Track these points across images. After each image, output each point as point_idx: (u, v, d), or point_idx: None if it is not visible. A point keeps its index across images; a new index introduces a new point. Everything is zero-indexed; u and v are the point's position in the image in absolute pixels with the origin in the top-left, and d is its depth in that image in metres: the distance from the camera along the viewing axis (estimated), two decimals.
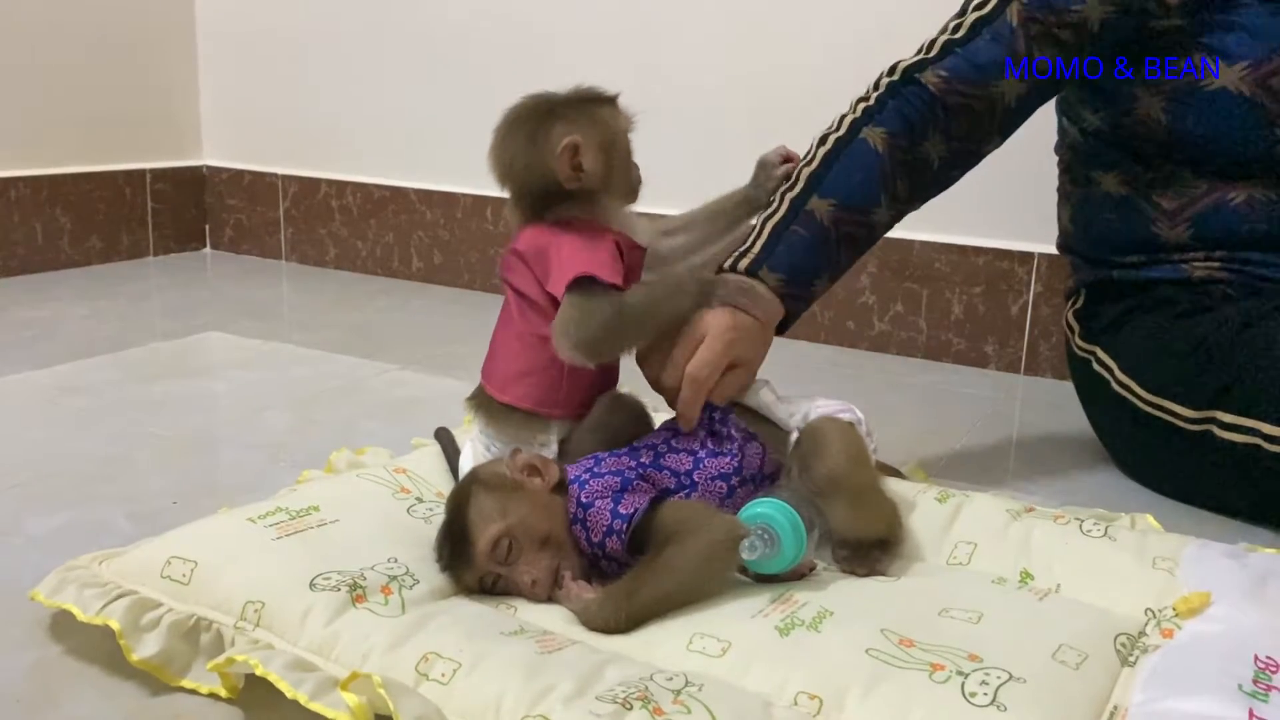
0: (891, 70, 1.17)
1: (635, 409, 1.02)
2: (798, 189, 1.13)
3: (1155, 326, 1.24)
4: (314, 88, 2.42)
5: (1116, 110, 1.24)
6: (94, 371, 1.60)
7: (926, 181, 1.18)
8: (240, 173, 2.55)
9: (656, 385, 1.02)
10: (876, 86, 1.17)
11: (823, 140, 1.16)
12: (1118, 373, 1.26)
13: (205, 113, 2.59)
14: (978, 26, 1.15)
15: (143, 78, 2.47)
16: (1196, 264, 1.24)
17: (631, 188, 1.03)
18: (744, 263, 1.08)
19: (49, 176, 2.30)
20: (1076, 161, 1.33)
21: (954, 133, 1.15)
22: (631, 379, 1.05)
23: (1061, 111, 1.35)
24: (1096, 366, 1.30)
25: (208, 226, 2.62)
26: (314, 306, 2.12)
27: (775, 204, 1.12)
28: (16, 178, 2.24)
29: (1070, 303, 1.39)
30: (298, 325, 1.96)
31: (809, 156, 1.15)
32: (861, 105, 1.16)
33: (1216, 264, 1.23)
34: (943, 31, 1.17)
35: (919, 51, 1.17)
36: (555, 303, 0.96)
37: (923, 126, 1.14)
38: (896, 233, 1.82)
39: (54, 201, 2.31)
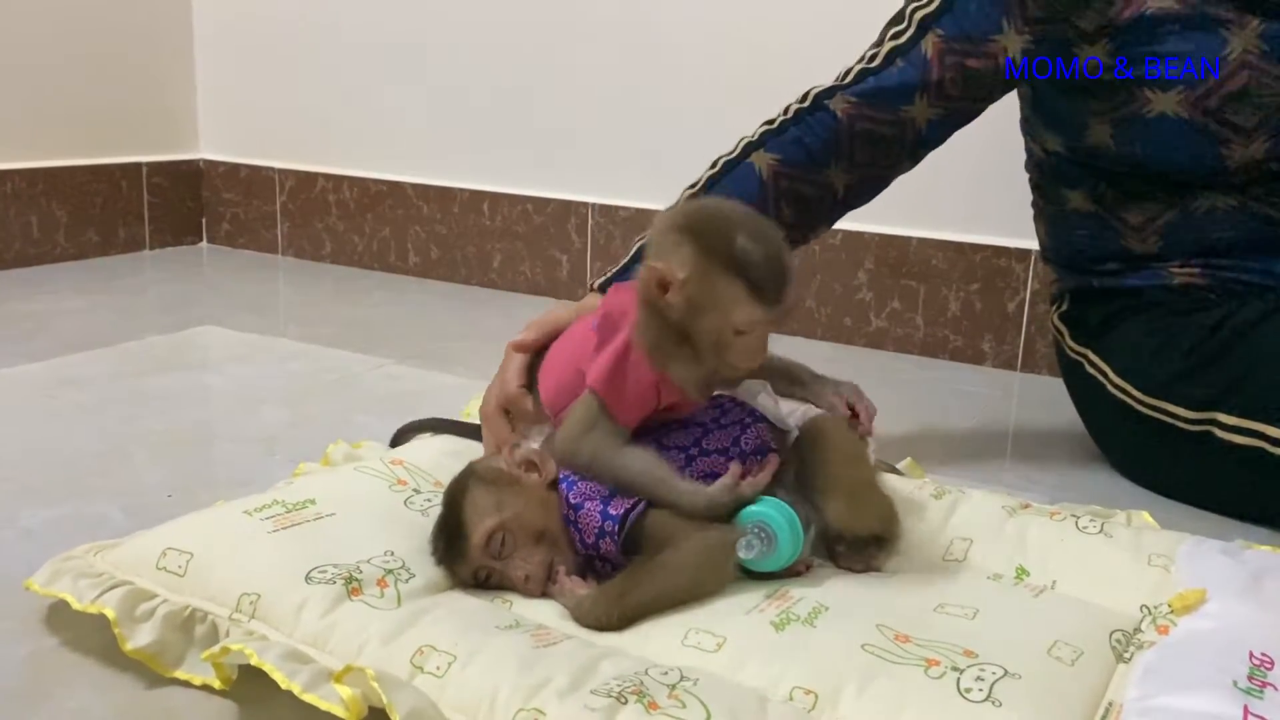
0: (803, 97, 1.19)
1: None
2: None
3: (1147, 327, 1.24)
4: (311, 81, 2.42)
5: (1070, 135, 1.24)
6: (89, 365, 1.60)
7: (825, 208, 1.21)
8: (237, 166, 2.54)
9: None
10: (785, 111, 1.19)
11: (714, 163, 1.18)
12: (1112, 375, 1.26)
13: (202, 106, 2.59)
14: (892, 56, 1.17)
15: (139, 71, 2.46)
16: (1174, 270, 1.24)
17: (719, 360, 0.88)
18: (599, 281, 1.12)
19: (45, 169, 2.29)
20: (1045, 179, 1.34)
21: (859, 159, 1.18)
22: None
23: (1025, 132, 1.35)
24: (1090, 369, 1.30)
25: (204, 220, 2.61)
26: (310, 301, 2.12)
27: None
28: (12, 170, 2.24)
29: (1055, 307, 1.39)
30: (294, 319, 1.96)
31: (697, 179, 1.18)
32: (762, 129, 1.18)
33: (1195, 270, 1.23)
34: (860, 60, 1.19)
35: (836, 78, 1.19)
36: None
37: (825, 155, 1.17)
38: (893, 229, 1.85)
39: (50, 195, 2.30)
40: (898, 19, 1.21)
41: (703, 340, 0.87)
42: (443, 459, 1.08)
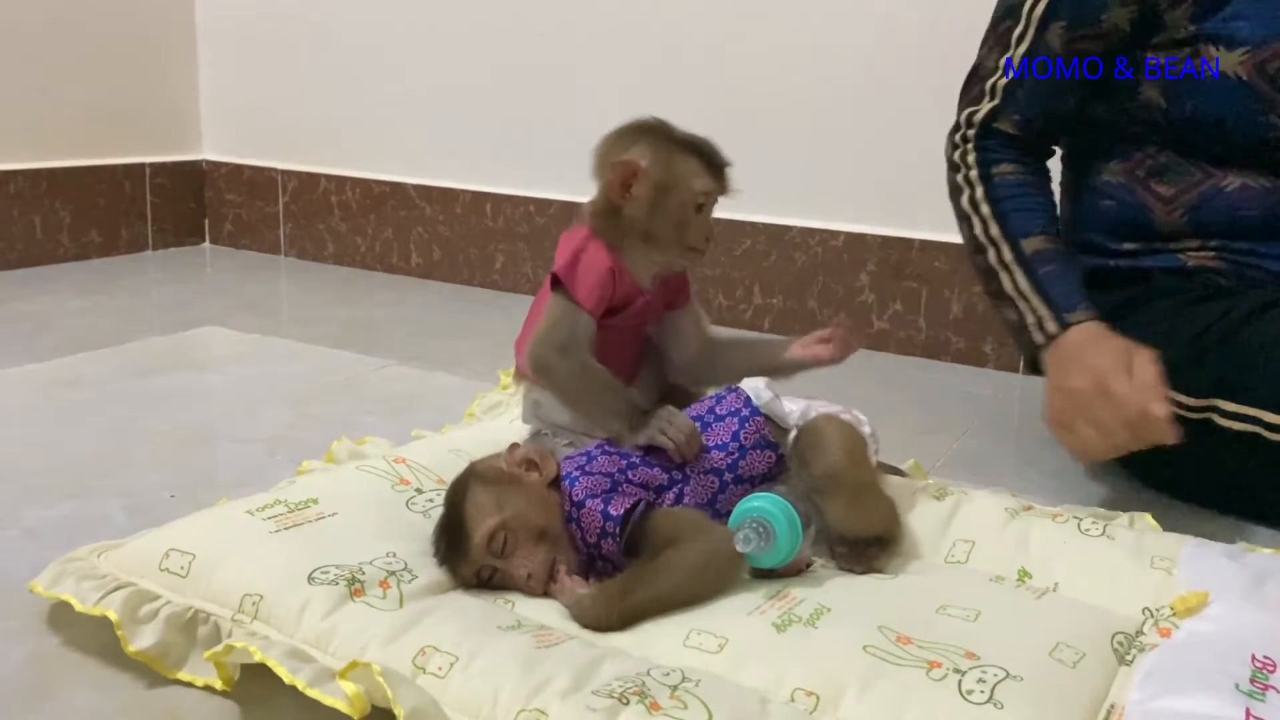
0: (968, 123, 1.28)
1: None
2: (1007, 254, 1.21)
3: (1155, 316, 1.24)
4: (314, 82, 2.42)
5: (1120, 98, 1.26)
6: (92, 365, 1.60)
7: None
8: (240, 167, 2.55)
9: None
10: (964, 139, 1.28)
11: (971, 204, 1.26)
12: None
13: (205, 107, 2.59)
14: (1027, 61, 1.23)
15: (143, 71, 2.47)
16: (1191, 253, 1.25)
17: (681, 244, 1.02)
18: (1050, 328, 1.16)
19: (48, 170, 2.29)
20: (1078, 153, 1.35)
21: (1054, 145, 1.32)
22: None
23: None
24: None
25: (207, 221, 2.62)
26: (312, 302, 2.12)
27: (1005, 279, 1.21)
28: (16, 171, 2.24)
29: None
30: (296, 320, 1.96)
31: (976, 227, 1.25)
32: (971, 157, 1.27)
33: (1210, 253, 1.24)
34: (994, 72, 1.25)
35: (981, 97, 1.27)
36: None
37: (1027, 151, 1.27)
38: (896, 231, 1.85)
39: (53, 195, 2.30)
40: (1011, 15, 1.24)
41: (665, 224, 0.99)
42: (446, 457, 1.08)
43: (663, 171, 0.99)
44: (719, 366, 1.10)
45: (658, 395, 1.08)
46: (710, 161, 1.00)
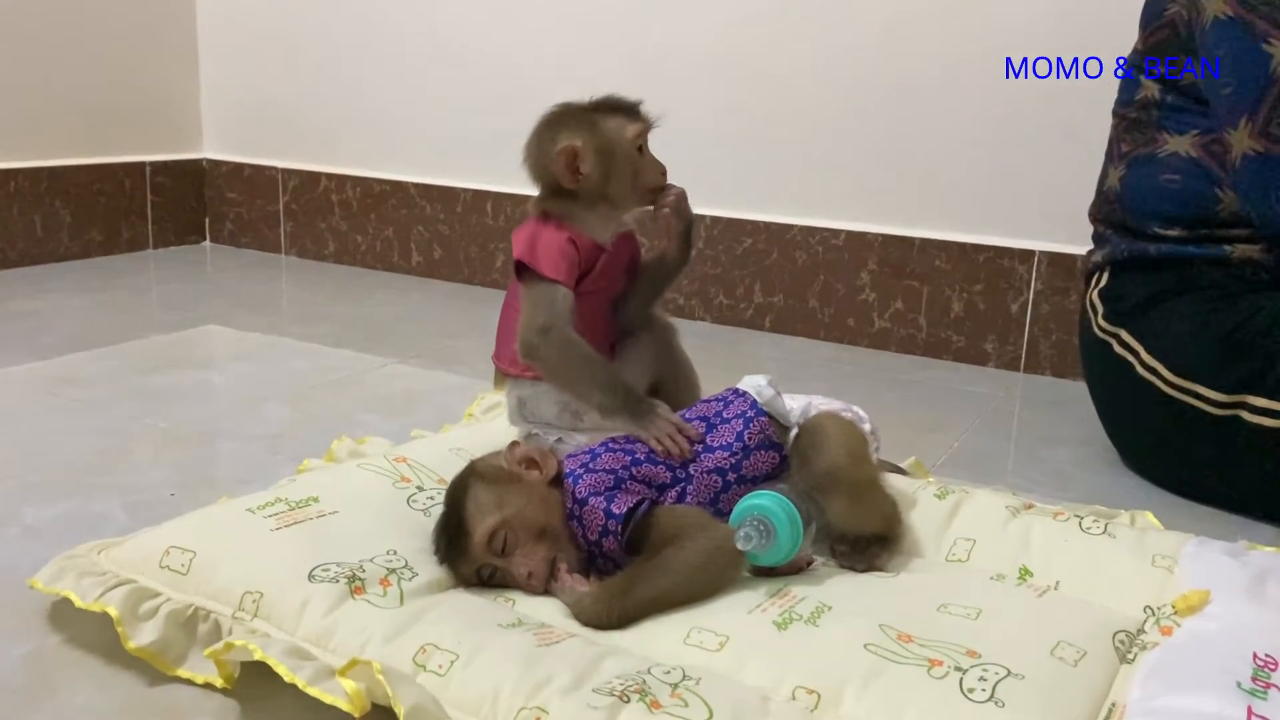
0: None
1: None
2: None
3: (1190, 310, 1.23)
4: (314, 81, 2.42)
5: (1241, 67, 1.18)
6: (93, 363, 1.60)
7: None
8: (240, 166, 2.55)
9: None
10: None
11: None
12: (1144, 355, 1.25)
13: (205, 106, 2.59)
14: None
15: (143, 70, 2.47)
16: (1238, 244, 1.22)
17: (642, 188, 1.07)
18: None
19: (49, 168, 2.29)
20: (1147, 120, 1.29)
21: None
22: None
23: (1141, 69, 1.30)
24: (1119, 349, 1.29)
25: (207, 220, 2.61)
26: (313, 300, 2.12)
27: None
28: (16, 169, 2.24)
29: (1094, 281, 1.36)
30: (297, 319, 1.96)
31: None
32: None
33: (1257, 246, 1.22)
34: None
35: None
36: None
37: None
38: (897, 230, 1.85)
39: (54, 194, 2.30)
40: None
41: (621, 180, 1.04)
42: (446, 455, 1.08)
43: (597, 139, 1.04)
44: (643, 294, 1.12)
45: (647, 387, 1.08)
46: (625, 109, 1.08)
